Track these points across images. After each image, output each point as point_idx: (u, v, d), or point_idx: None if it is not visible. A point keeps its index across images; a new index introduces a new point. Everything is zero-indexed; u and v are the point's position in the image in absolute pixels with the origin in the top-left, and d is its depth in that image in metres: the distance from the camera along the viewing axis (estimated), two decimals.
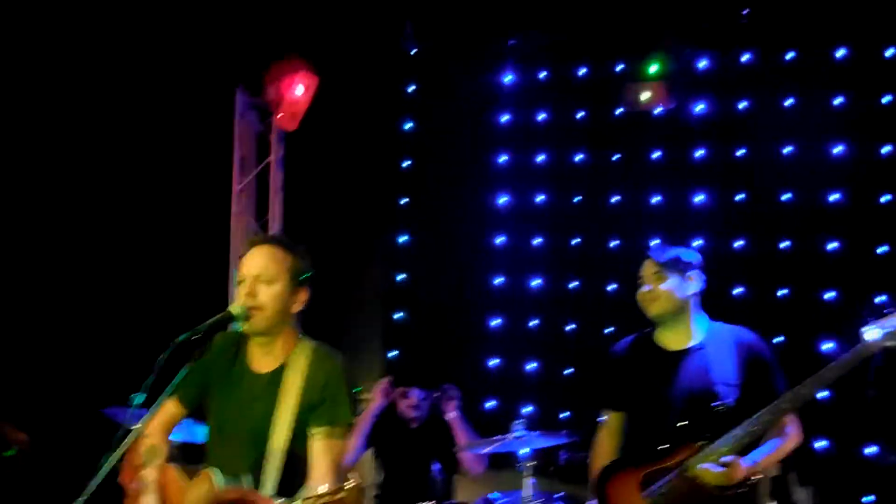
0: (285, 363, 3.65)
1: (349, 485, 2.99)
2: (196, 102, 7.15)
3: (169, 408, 3.70)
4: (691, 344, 4.22)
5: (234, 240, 7.40)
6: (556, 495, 6.04)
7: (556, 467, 6.33)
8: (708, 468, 3.91)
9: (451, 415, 5.89)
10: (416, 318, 7.51)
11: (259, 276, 3.58)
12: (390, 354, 7.42)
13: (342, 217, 7.44)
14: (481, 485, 6.20)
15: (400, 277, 7.56)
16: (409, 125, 7.68)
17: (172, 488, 3.68)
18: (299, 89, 6.91)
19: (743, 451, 3.95)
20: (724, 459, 3.90)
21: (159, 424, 3.74)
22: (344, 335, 7.27)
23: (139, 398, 3.12)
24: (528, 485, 5.26)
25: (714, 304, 4.32)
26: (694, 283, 4.24)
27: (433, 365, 6.44)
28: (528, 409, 6.94)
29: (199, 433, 4.76)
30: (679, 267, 4.23)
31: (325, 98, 7.06)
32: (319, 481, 3.38)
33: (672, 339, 4.27)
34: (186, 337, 3.25)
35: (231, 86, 7.47)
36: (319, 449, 3.55)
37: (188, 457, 4.04)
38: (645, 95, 6.68)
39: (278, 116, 7.12)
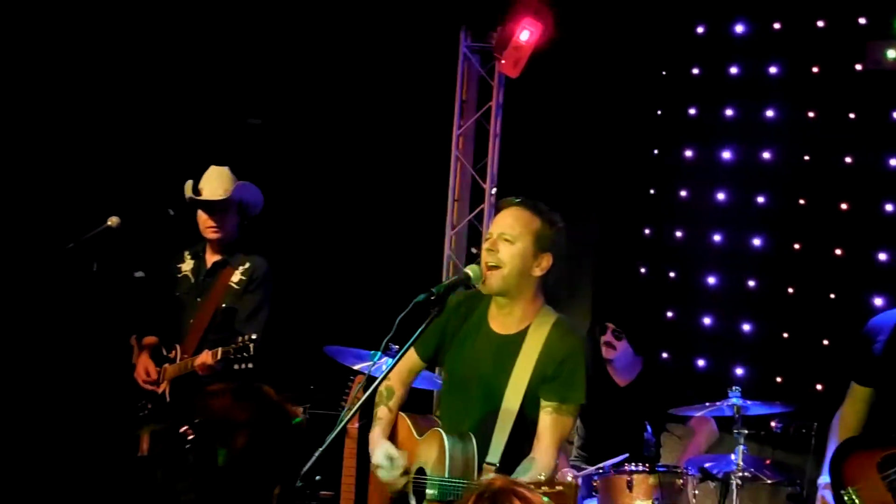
0: (527, 329, 3.69)
1: (568, 482, 3.04)
2: (421, 44, 7.24)
3: (407, 360, 3.81)
4: None
5: (452, 183, 7.48)
6: (766, 461, 5.93)
7: (769, 433, 6.19)
8: None
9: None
10: (627, 270, 7.42)
11: (503, 235, 3.65)
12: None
13: (559, 165, 7.39)
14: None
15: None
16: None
17: (405, 436, 3.81)
18: (525, 35, 6.84)
19: None
20: None
21: (398, 373, 3.86)
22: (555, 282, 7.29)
23: (378, 355, 3.23)
24: (739, 451, 5.17)
25: None
26: None
27: (644, 319, 6.36)
28: (740, 372, 6.79)
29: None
30: None
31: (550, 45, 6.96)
32: (542, 454, 3.43)
33: None
34: (426, 297, 3.33)
35: (456, 28, 7.50)
36: (547, 423, 3.61)
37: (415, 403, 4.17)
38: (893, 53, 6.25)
39: (501, 62, 7.09)
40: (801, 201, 6.81)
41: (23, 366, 6.23)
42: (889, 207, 6.41)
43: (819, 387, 6.49)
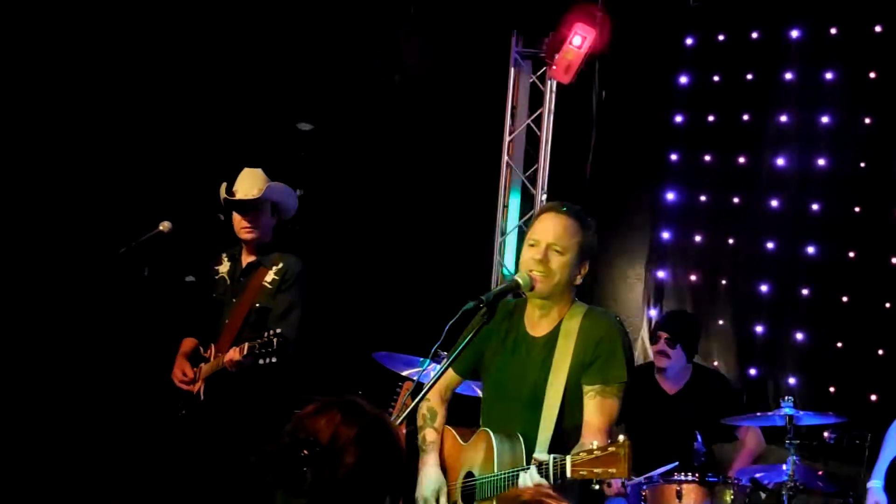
0: (559, 325, 3.73)
1: (620, 442, 3.02)
2: (472, 50, 7.24)
3: (445, 377, 3.85)
4: None
5: (502, 189, 7.47)
6: (818, 473, 5.85)
7: (821, 444, 6.11)
8: None
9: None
10: (679, 280, 7.36)
11: (553, 245, 3.68)
12: (650, 313, 7.32)
13: (609, 172, 7.34)
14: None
15: (665, 236, 7.42)
16: (684, 79, 7.47)
17: (450, 446, 3.82)
18: (577, 41, 6.80)
19: None
20: None
21: (437, 389, 3.89)
22: (602, 294, 7.29)
23: (426, 361, 3.23)
24: (791, 461, 5.10)
25: None
26: None
27: (695, 326, 6.31)
28: (792, 381, 6.70)
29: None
30: None
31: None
32: (591, 439, 3.40)
33: None
34: (475, 304, 3.33)
35: (507, 33, 7.49)
36: (592, 407, 3.61)
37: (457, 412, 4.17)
38: None
39: (553, 68, 7.06)
40: (857, 209, 6.74)
41: (75, 368, 6.32)
42: None
43: (873, 397, 6.40)
